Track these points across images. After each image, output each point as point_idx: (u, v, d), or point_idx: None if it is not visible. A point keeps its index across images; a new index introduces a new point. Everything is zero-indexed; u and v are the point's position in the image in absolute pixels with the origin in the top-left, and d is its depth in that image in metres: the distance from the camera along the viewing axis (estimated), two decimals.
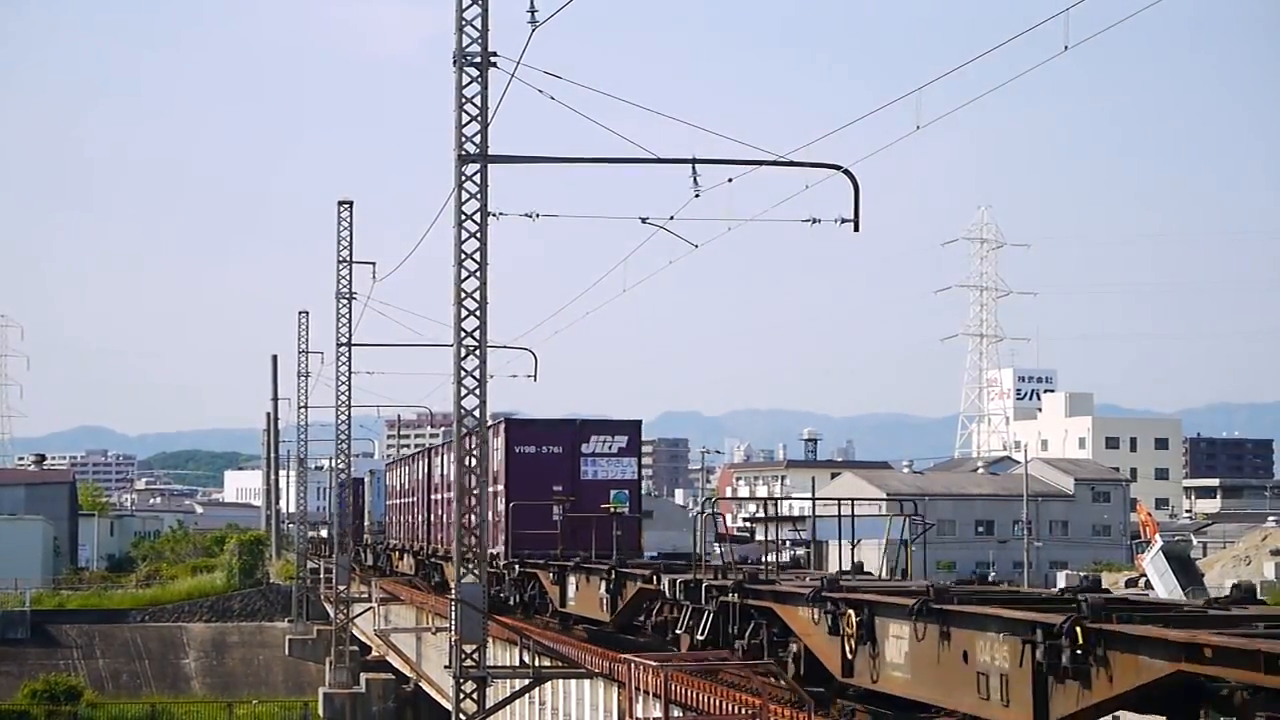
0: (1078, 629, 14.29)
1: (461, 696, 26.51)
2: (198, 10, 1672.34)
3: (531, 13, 25.11)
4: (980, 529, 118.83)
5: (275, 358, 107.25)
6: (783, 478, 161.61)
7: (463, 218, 26.43)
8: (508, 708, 29.28)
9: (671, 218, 27.81)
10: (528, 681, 27.81)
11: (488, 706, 26.73)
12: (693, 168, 25.98)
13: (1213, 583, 72.82)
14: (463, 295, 26.51)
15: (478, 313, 26.62)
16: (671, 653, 25.60)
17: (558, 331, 63.00)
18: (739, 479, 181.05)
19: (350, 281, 60.32)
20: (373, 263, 59.41)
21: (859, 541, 26.08)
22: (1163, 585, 68.20)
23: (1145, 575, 73.02)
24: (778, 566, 26.31)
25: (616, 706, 27.39)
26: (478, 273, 26.53)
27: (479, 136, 26.27)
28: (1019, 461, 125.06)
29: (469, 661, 26.43)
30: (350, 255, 60.46)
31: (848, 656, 19.32)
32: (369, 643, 64.15)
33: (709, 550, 32.57)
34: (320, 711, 62.48)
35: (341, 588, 62.16)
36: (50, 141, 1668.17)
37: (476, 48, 26.22)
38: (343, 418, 62.50)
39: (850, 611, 19.11)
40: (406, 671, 54.90)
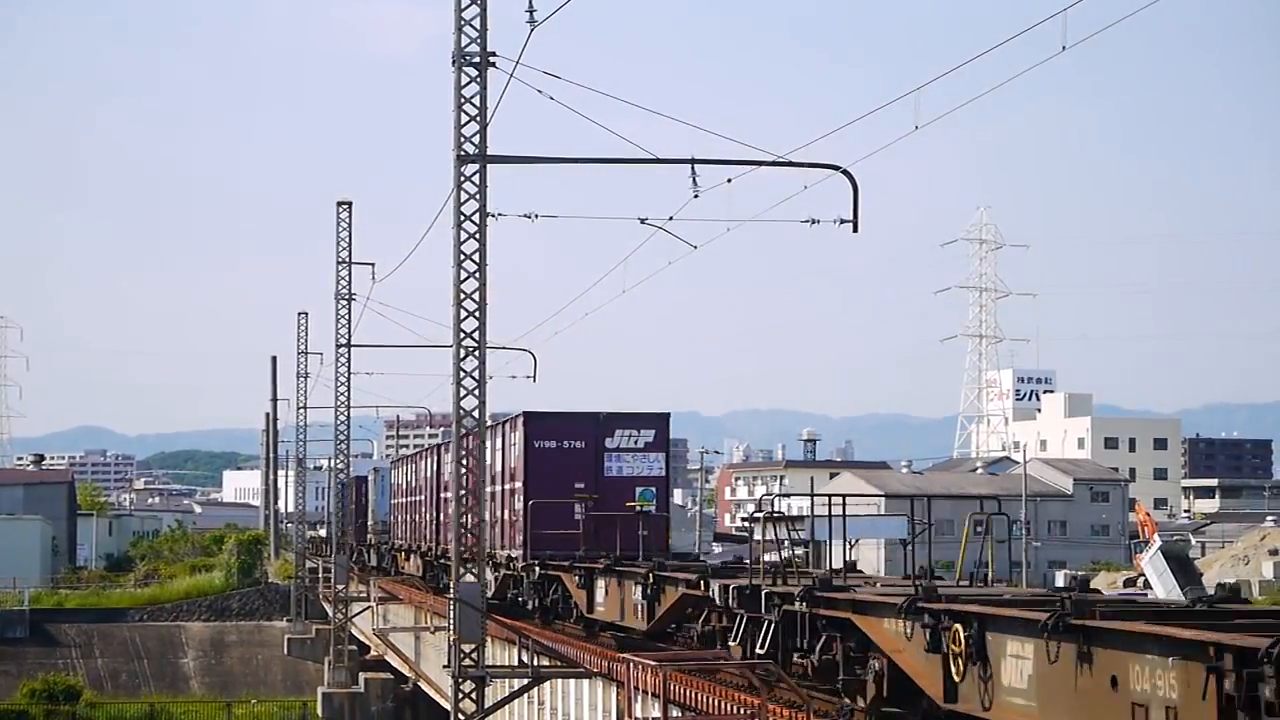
0: None
1: (460, 696, 26.49)
2: (198, 11, 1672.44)
3: (530, 13, 25.13)
4: (980, 529, 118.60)
5: (275, 358, 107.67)
6: (781, 478, 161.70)
7: (462, 218, 26.40)
8: (507, 707, 29.28)
9: (671, 218, 27.84)
10: (526, 681, 27.75)
11: (486, 706, 26.72)
12: (692, 168, 25.97)
13: (1211, 583, 72.80)
14: (462, 296, 26.47)
15: (477, 313, 26.58)
16: (670, 651, 25.51)
17: (557, 332, 63.10)
18: (738, 479, 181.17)
19: (350, 282, 60.47)
20: (372, 263, 59.64)
21: (856, 541, 25.84)
22: (1161, 585, 68.01)
23: (1144, 575, 72.97)
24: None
25: (615, 706, 27.38)
26: (477, 273, 26.50)
27: (478, 137, 26.24)
28: (1018, 462, 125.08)
29: (467, 661, 26.42)
30: (350, 256, 60.60)
31: (953, 679, 16.87)
32: (368, 642, 64.17)
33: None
34: (319, 711, 62.51)
35: (340, 587, 62.19)
36: (50, 141, 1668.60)
37: (476, 48, 26.20)
38: (342, 418, 62.59)
39: (958, 626, 16.72)
40: (405, 671, 54.90)
